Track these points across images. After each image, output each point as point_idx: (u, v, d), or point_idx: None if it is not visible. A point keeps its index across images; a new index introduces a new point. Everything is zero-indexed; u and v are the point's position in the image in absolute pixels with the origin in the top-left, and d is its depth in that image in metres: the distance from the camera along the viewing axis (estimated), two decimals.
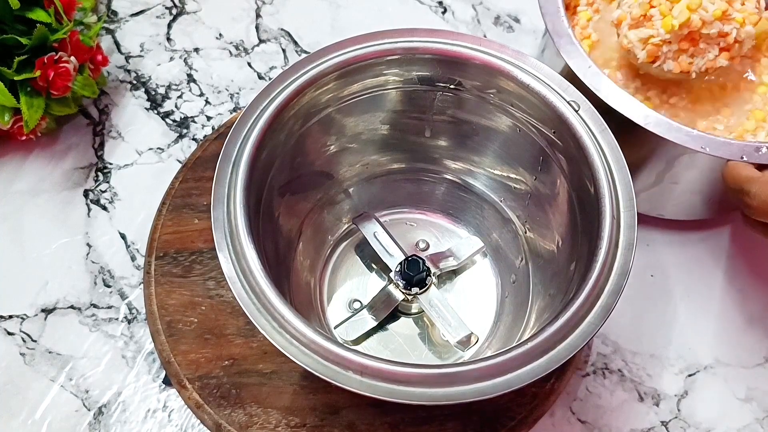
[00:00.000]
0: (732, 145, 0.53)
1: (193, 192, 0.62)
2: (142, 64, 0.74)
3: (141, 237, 0.63)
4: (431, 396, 0.39)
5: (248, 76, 0.74)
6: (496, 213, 0.60)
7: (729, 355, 0.62)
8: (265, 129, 0.48)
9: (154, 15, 0.77)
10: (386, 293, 0.55)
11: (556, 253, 0.54)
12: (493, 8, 0.80)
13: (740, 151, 0.53)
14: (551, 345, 0.40)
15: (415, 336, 0.57)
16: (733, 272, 0.65)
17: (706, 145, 0.53)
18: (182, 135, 0.69)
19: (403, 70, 0.53)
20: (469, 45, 0.51)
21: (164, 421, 0.56)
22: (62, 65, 0.61)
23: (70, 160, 0.67)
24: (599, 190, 0.46)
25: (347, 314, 0.57)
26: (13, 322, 0.59)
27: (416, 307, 0.56)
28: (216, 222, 0.44)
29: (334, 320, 0.57)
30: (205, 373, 0.54)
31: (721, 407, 0.59)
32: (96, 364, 0.58)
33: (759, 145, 0.53)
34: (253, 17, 0.78)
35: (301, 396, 0.54)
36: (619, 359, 0.61)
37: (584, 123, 0.48)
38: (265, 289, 0.42)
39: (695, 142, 0.53)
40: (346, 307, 0.58)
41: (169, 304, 0.57)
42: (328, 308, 0.58)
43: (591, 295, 0.42)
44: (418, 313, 0.57)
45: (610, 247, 0.44)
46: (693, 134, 0.53)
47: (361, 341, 0.56)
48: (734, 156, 0.53)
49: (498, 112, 0.54)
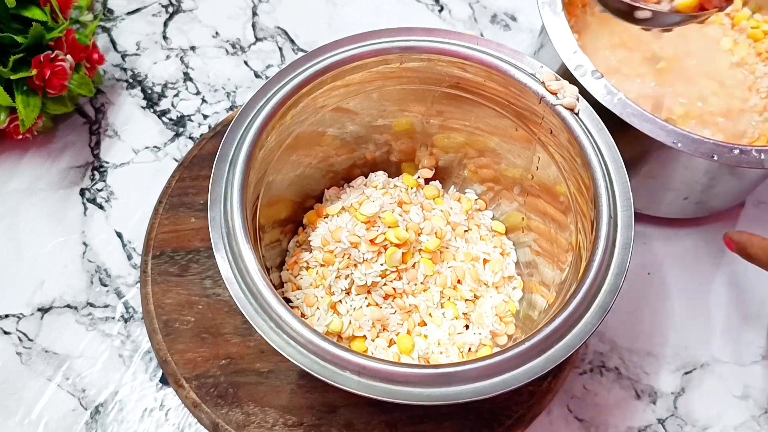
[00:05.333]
0: (705, 143, 0.52)
1: (190, 191, 0.62)
2: (138, 63, 0.74)
3: (137, 236, 0.63)
4: (429, 396, 0.39)
5: (245, 74, 0.74)
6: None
7: (725, 352, 0.62)
8: (261, 129, 0.48)
9: (150, 13, 0.77)
10: None
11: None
12: (489, 6, 0.80)
13: (713, 150, 0.52)
14: (548, 345, 0.41)
15: None
16: (729, 270, 0.65)
17: (678, 141, 0.52)
18: (179, 133, 0.69)
19: (400, 69, 0.53)
20: (466, 44, 0.51)
21: (161, 420, 0.56)
22: (58, 64, 0.61)
23: (67, 158, 0.67)
24: (596, 189, 0.46)
25: None
26: (9, 321, 0.59)
27: None
28: (213, 222, 0.44)
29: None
30: (202, 372, 0.54)
31: (717, 405, 0.60)
32: (93, 363, 0.58)
33: (732, 146, 0.53)
34: (249, 15, 0.78)
35: (299, 395, 0.54)
36: (616, 357, 0.61)
37: (581, 123, 0.48)
38: (262, 289, 0.42)
39: (668, 136, 0.53)
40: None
41: (165, 303, 0.57)
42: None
43: (588, 295, 0.42)
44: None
45: (608, 247, 0.44)
46: (667, 128, 0.53)
47: None
48: (706, 155, 0.52)
49: (495, 111, 0.54)
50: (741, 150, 0.52)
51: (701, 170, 0.57)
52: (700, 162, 0.54)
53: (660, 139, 0.52)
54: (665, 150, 0.54)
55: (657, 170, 0.58)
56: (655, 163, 0.57)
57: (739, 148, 0.52)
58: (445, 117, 0.57)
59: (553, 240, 0.54)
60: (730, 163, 0.52)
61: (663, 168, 0.58)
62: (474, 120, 0.56)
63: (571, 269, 0.49)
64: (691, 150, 0.52)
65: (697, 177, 0.58)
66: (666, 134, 0.52)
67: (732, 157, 0.52)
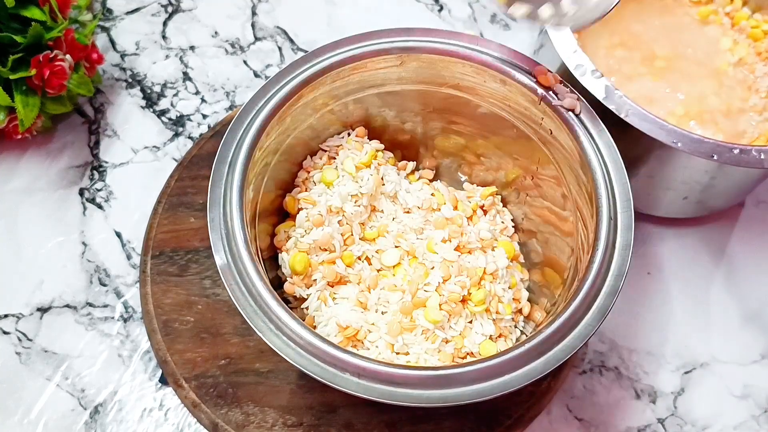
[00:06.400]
0: (706, 143, 0.52)
1: (189, 190, 0.62)
2: (137, 62, 0.74)
3: (137, 236, 0.63)
4: (429, 398, 0.39)
5: (244, 74, 0.74)
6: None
7: (725, 352, 0.62)
8: (261, 129, 0.48)
9: (150, 13, 0.77)
10: None
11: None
12: (489, 6, 0.80)
13: (713, 150, 0.52)
14: (548, 346, 0.41)
15: None
16: (729, 269, 0.65)
17: (679, 140, 0.52)
18: (178, 133, 0.69)
19: (399, 69, 0.53)
20: (466, 44, 0.51)
21: (160, 420, 0.56)
22: (57, 63, 0.61)
23: (66, 158, 0.67)
24: (597, 190, 0.46)
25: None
26: (8, 321, 0.59)
27: None
28: (212, 223, 0.44)
29: None
30: (202, 372, 0.54)
31: (717, 404, 0.60)
32: (92, 363, 0.58)
33: (732, 146, 0.53)
34: (248, 15, 0.78)
35: (298, 395, 0.54)
36: (616, 357, 0.61)
37: (582, 124, 0.48)
38: (261, 290, 0.42)
39: (668, 136, 0.52)
40: None
41: (165, 303, 0.57)
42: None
43: (588, 297, 0.42)
44: None
45: (607, 249, 0.44)
46: (667, 128, 0.53)
47: None
48: (706, 154, 0.52)
49: (495, 112, 0.54)
50: (741, 150, 0.52)
51: (701, 170, 0.57)
52: (699, 161, 0.54)
53: (660, 138, 0.52)
54: (666, 150, 0.54)
55: (657, 170, 0.58)
56: (655, 163, 0.57)
57: (739, 148, 0.52)
58: (445, 118, 0.57)
59: (553, 241, 0.54)
60: (730, 163, 0.52)
61: (663, 167, 0.58)
62: (474, 121, 0.56)
63: (570, 270, 0.49)
64: (691, 150, 0.52)
65: (697, 176, 0.58)
66: (666, 134, 0.52)
67: (732, 156, 0.52)
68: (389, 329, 0.49)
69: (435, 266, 0.51)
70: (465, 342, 0.50)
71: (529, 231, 0.58)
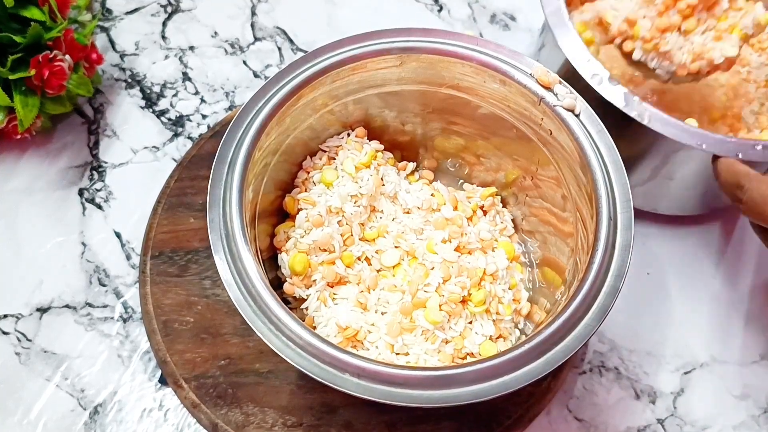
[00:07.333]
0: (728, 142, 0.53)
1: (189, 191, 0.62)
2: (137, 63, 0.73)
3: (136, 236, 0.63)
4: (429, 398, 0.39)
5: (244, 74, 0.74)
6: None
7: (725, 352, 0.62)
8: (261, 129, 0.48)
9: (149, 13, 0.77)
10: None
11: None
12: (488, 6, 0.80)
13: (736, 148, 0.53)
14: (548, 347, 0.40)
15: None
16: (729, 269, 0.65)
17: (703, 142, 0.53)
18: (177, 133, 0.69)
19: (399, 69, 0.53)
20: (466, 45, 0.51)
21: (160, 421, 0.56)
22: (57, 64, 0.61)
23: (65, 158, 0.67)
24: (596, 191, 0.46)
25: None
26: (7, 321, 0.59)
27: None
28: (212, 224, 0.44)
29: None
30: (202, 372, 0.54)
31: (717, 405, 0.60)
32: (91, 363, 0.58)
33: (755, 143, 0.53)
34: (248, 15, 0.78)
35: (298, 395, 0.54)
36: (616, 357, 0.61)
37: (582, 125, 0.48)
38: (261, 291, 0.42)
39: (692, 138, 0.53)
40: None
41: (164, 303, 0.57)
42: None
43: (588, 297, 0.42)
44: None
45: (607, 249, 0.44)
46: (690, 131, 0.53)
47: None
48: (730, 153, 0.53)
49: (495, 112, 0.54)
50: (763, 146, 0.53)
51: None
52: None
53: (685, 141, 0.53)
54: (685, 150, 0.54)
55: (671, 171, 0.58)
56: (671, 164, 0.57)
57: (762, 144, 0.53)
58: (445, 118, 0.57)
59: (553, 241, 0.54)
60: (755, 159, 0.53)
61: (678, 168, 0.58)
62: (474, 121, 0.56)
63: (570, 271, 0.49)
64: (716, 150, 0.53)
65: (709, 173, 0.58)
66: (689, 136, 0.53)
67: (756, 152, 0.53)
68: (389, 330, 0.49)
69: (435, 267, 0.51)
70: (465, 342, 0.50)
71: (528, 231, 0.58)
